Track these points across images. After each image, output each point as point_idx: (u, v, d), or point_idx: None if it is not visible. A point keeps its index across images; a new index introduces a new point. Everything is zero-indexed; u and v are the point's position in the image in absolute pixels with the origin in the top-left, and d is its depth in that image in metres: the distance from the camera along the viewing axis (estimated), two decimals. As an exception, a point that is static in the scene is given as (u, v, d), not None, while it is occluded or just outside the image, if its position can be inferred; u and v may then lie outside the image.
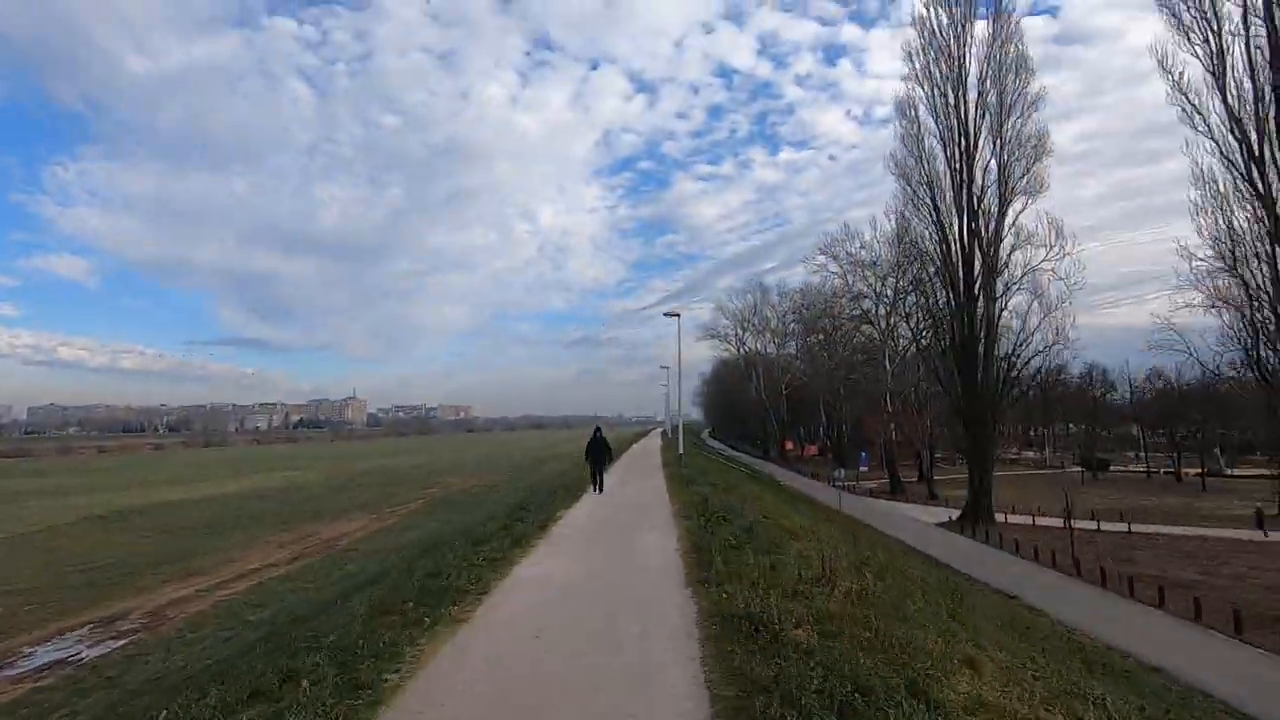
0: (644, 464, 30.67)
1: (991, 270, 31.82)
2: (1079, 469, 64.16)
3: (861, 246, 48.55)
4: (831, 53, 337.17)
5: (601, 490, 17.22)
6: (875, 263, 46.77)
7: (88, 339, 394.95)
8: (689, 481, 18.61)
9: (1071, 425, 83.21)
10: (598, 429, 18.58)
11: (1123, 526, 30.12)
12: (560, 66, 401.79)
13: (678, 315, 29.21)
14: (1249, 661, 14.47)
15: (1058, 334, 32.26)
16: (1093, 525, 31.62)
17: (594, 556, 9.08)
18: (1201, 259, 26.11)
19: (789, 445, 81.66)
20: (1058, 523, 33.23)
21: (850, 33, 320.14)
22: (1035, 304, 32.37)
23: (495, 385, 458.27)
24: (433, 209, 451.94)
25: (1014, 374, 32.75)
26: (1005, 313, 32.51)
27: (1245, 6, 23.94)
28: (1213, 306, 26.54)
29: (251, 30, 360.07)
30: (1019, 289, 32.32)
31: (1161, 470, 61.66)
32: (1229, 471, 58.14)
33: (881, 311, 47.25)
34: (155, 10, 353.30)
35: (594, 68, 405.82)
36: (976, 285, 32.09)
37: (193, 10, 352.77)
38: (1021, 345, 32.52)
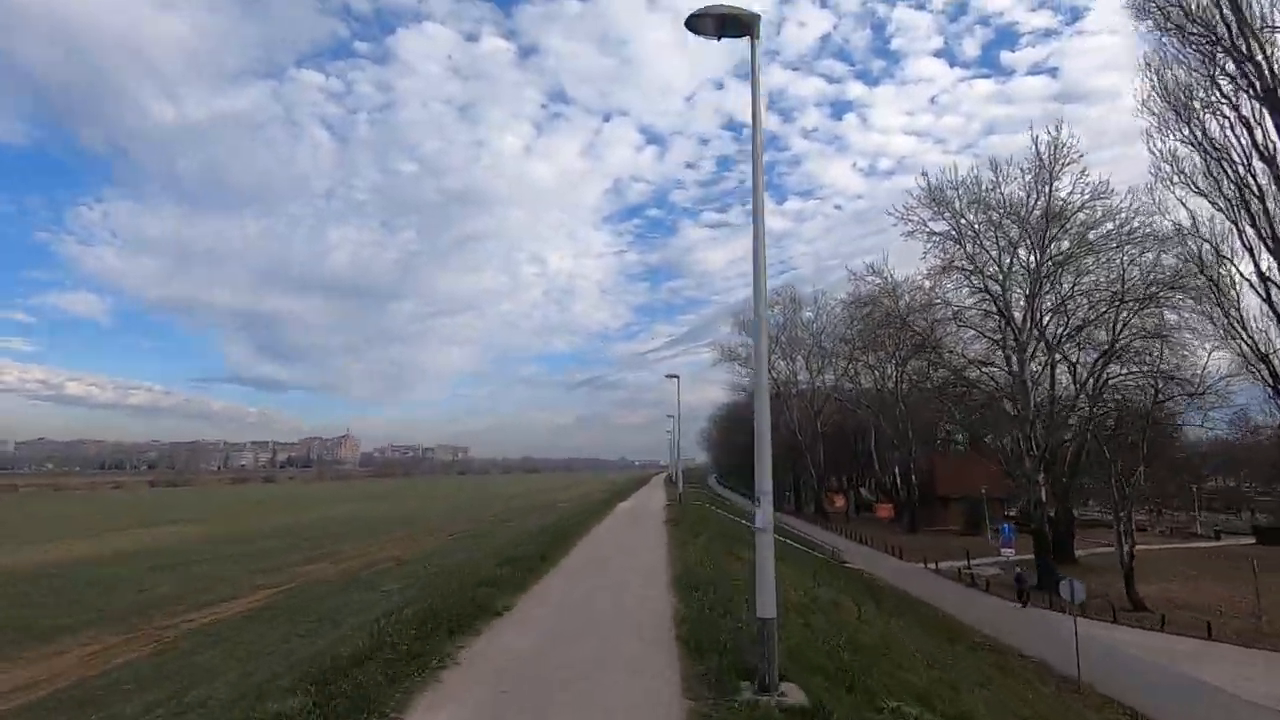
0: (629, 562, 13.83)
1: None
2: (1244, 538, 45.62)
3: (972, 202, 31.18)
4: (838, 108, 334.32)
5: None
6: (1012, 216, 29.29)
7: (98, 375, 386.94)
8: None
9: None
10: None
11: None
12: (574, 119, 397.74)
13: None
14: None
15: None
16: None
17: None
18: None
19: (840, 501, 60.60)
20: None
21: (856, 89, 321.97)
22: None
23: (496, 427, 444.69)
24: (443, 253, 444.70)
25: None
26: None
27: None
28: None
29: (278, 82, 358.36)
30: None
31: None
32: None
33: (1017, 296, 29.75)
34: (186, 63, 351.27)
35: (606, 120, 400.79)
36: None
37: (222, 63, 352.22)
38: None
